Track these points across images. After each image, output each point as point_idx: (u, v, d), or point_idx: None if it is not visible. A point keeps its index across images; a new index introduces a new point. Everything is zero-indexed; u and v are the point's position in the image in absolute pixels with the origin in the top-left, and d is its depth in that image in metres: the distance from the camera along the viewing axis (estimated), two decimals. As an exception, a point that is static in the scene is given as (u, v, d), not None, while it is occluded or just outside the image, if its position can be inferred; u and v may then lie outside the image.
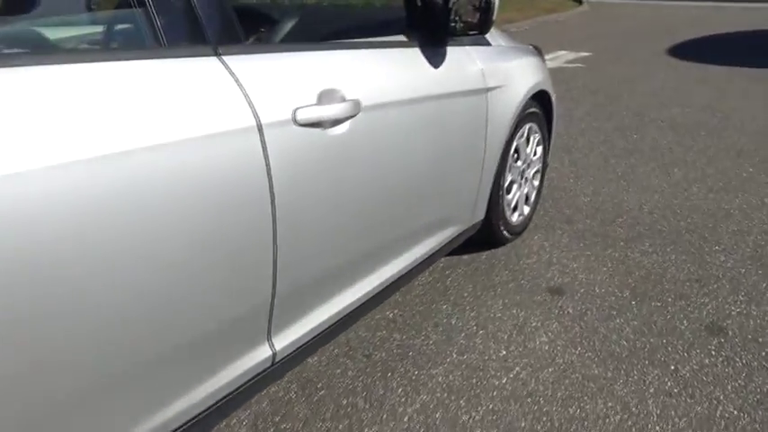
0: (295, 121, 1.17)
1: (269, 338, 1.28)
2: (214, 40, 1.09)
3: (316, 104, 1.22)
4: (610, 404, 1.54)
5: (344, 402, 1.57)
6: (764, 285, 2.06)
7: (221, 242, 1.07)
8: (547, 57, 3.24)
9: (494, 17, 1.64)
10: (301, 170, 1.19)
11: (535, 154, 2.46)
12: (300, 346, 1.36)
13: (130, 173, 0.91)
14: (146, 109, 0.94)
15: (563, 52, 7.19)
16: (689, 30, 8.66)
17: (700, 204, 2.76)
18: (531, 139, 2.40)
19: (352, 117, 1.31)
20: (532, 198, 2.53)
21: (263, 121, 1.10)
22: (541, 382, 1.63)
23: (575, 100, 4.81)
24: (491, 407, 1.55)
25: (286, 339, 1.32)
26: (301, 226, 1.23)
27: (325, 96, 1.25)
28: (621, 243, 2.41)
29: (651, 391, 1.58)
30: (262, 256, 1.16)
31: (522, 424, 1.49)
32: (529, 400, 1.57)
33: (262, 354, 1.27)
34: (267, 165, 1.11)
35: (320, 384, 1.65)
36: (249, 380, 1.25)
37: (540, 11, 10.44)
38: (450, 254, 2.22)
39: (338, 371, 1.71)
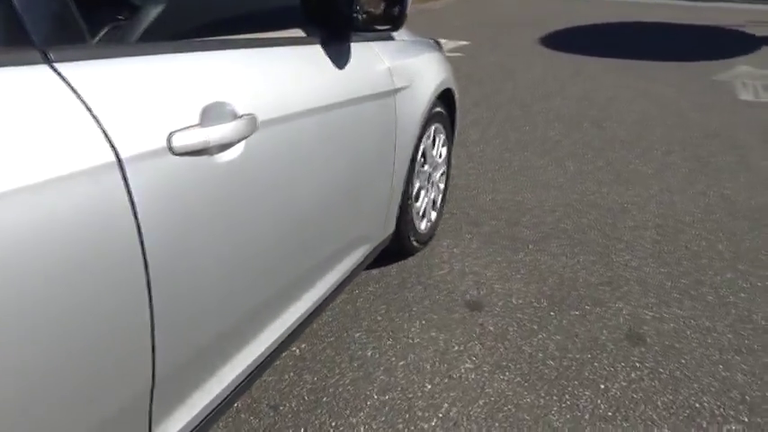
0: (171, 150, 0.87)
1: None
2: (41, 40, 0.76)
3: (198, 125, 0.93)
4: (549, 439, 1.42)
5: (253, 479, 1.30)
6: (669, 285, 2.08)
7: (75, 325, 0.76)
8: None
9: (407, 10, 1.42)
10: (182, 215, 0.90)
11: (440, 156, 2.31)
12: (193, 431, 1.07)
13: None
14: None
15: (443, 41, 7.19)
16: (558, 20, 9.10)
17: (596, 199, 2.79)
18: (437, 140, 2.24)
19: (246, 137, 1.03)
20: (439, 202, 2.38)
21: (122, 155, 0.79)
22: (474, 419, 1.48)
23: (461, 90, 4.78)
24: (424, 459, 1.36)
25: (173, 428, 1.02)
26: (185, 286, 0.94)
27: (211, 113, 0.96)
28: (530, 245, 2.34)
29: (587, 417, 1.49)
30: (134, 332, 0.86)
31: (460, 476, 1.32)
32: (464, 444, 1.40)
33: (143, 452, 0.97)
34: (134, 213, 0.80)
35: (220, 453, 1.36)
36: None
37: (417, -1, 10.44)
38: (359, 272, 2.00)
39: (241, 432, 1.43)
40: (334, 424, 1.46)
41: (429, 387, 1.59)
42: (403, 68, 1.75)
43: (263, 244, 1.13)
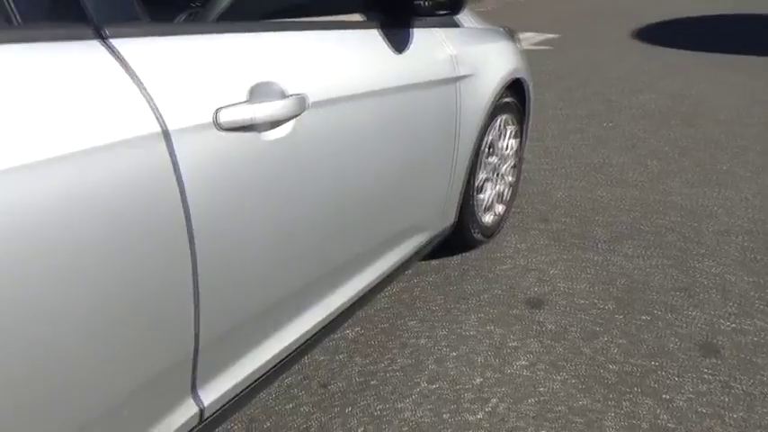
0: (218, 125, 0.91)
1: (194, 392, 1.03)
2: (96, 17, 0.81)
3: (246, 102, 0.96)
4: (600, 445, 1.35)
5: (295, 452, 1.34)
6: (755, 295, 1.91)
7: (122, 289, 0.81)
8: (519, 40, 3.01)
9: (469, -5, 1.39)
10: (229, 188, 0.94)
11: (510, 148, 2.25)
12: (235, 397, 1.11)
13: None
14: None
15: (530, 34, 7.00)
16: (651, 12, 8.59)
17: (679, 201, 2.61)
18: (506, 131, 2.18)
19: (295, 117, 1.05)
20: (507, 196, 2.32)
21: (169, 126, 0.83)
22: (522, 416, 1.43)
23: (544, 84, 4.62)
24: (466, 451, 1.34)
25: (216, 391, 1.07)
26: (229, 259, 0.97)
27: (260, 91, 0.99)
28: (602, 245, 2.23)
29: (645, 426, 1.40)
30: (179, 298, 0.91)
31: (503, 472, 1.29)
32: (509, 441, 1.37)
33: (186, 412, 1.02)
34: (180, 183, 0.85)
35: (268, 424, 1.41)
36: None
37: (506, -10, 10.18)
38: (418, 261, 1.99)
39: (290, 406, 1.47)
40: (379, 407, 1.47)
41: (479, 381, 1.56)
42: (468, 56, 1.72)
43: (310, 223, 1.15)
